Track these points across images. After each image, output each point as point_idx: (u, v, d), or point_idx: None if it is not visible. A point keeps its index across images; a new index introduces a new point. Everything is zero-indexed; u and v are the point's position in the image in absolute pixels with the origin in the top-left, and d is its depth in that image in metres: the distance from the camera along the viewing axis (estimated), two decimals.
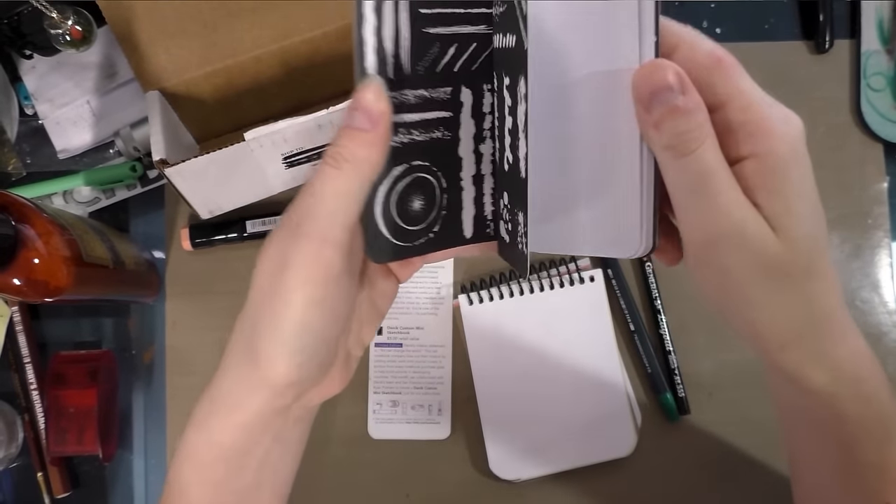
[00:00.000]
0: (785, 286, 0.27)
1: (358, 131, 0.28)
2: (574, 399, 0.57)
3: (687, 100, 0.26)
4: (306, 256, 0.28)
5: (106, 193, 0.60)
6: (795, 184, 0.27)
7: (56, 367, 0.56)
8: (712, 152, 0.26)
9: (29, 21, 0.56)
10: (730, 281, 0.27)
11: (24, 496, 0.57)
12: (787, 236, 0.27)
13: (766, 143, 0.26)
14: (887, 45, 0.61)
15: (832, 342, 0.29)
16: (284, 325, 0.29)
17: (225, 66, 0.54)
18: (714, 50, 0.27)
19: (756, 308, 0.28)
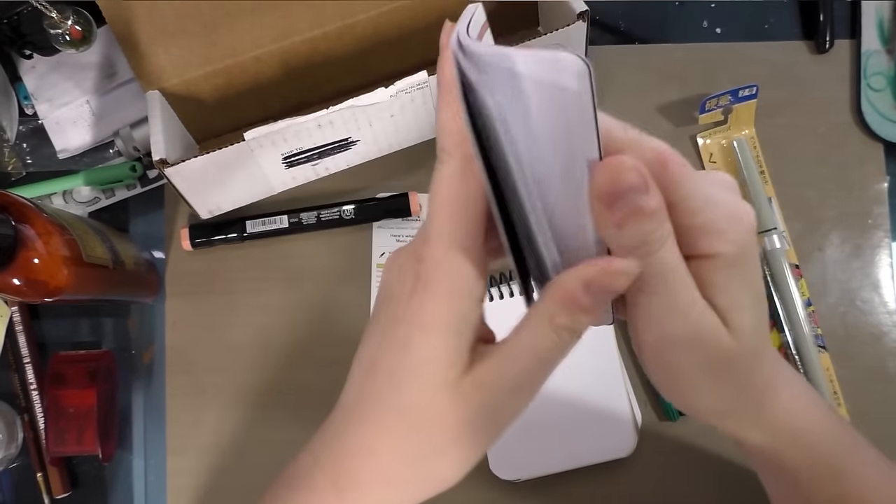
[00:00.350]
0: (727, 376, 0.29)
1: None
2: (574, 399, 0.56)
3: (650, 199, 0.25)
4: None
5: (106, 193, 0.60)
6: (745, 280, 0.27)
7: (56, 367, 0.56)
8: (672, 252, 0.26)
9: (29, 21, 0.56)
10: (678, 374, 0.29)
11: (23, 496, 0.57)
12: (736, 330, 0.27)
13: (716, 245, 0.26)
14: (887, 45, 0.61)
15: (767, 408, 0.31)
16: None
17: (225, 66, 0.54)
18: (659, 151, 0.26)
19: (699, 396, 0.29)
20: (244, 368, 0.58)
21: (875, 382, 0.59)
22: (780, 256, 0.58)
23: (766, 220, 0.59)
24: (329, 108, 0.51)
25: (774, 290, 0.59)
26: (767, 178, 0.61)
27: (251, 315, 0.59)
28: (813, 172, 0.61)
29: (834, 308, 0.59)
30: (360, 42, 0.56)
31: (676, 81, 0.61)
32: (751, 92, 0.58)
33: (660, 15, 0.63)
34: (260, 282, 0.59)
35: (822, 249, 0.60)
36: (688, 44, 0.63)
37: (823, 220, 0.60)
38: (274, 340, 0.58)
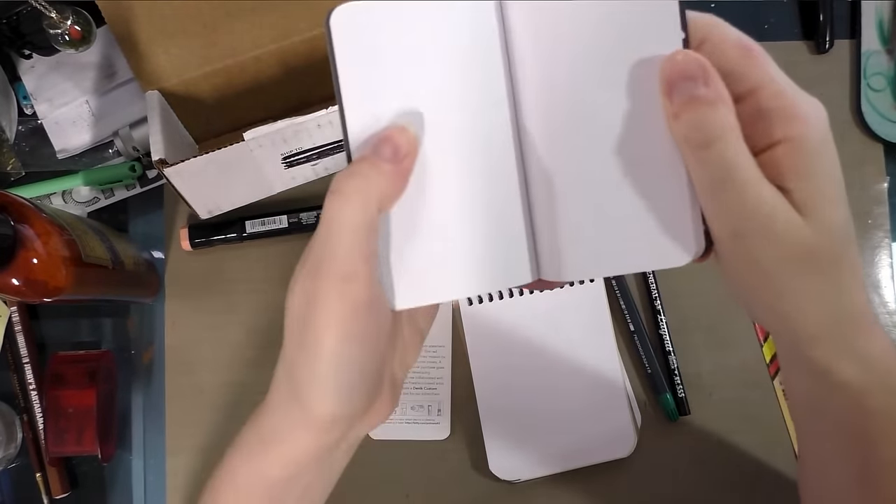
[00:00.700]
0: (816, 276, 0.27)
1: (381, 161, 0.28)
2: (574, 399, 0.56)
3: (709, 91, 0.25)
4: (330, 295, 0.28)
5: (105, 193, 0.60)
6: (827, 168, 0.27)
7: (55, 367, 0.55)
8: (735, 145, 0.26)
9: (28, 21, 0.56)
10: (760, 273, 0.27)
11: (22, 496, 0.57)
12: (818, 222, 0.26)
13: (798, 127, 0.26)
14: (887, 45, 0.61)
15: (864, 336, 0.29)
16: (320, 365, 0.29)
17: (224, 66, 0.54)
18: (742, 39, 0.27)
19: (787, 300, 0.27)
20: (244, 368, 0.58)
21: None
22: None
23: None
24: (329, 108, 0.51)
25: None
26: None
27: (251, 315, 0.59)
28: None
29: None
30: None
31: None
32: None
33: None
34: (260, 282, 0.59)
35: None
36: None
37: None
38: (274, 340, 0.58)
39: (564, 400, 0.56)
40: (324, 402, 0.29)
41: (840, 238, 0.27)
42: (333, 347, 0.28)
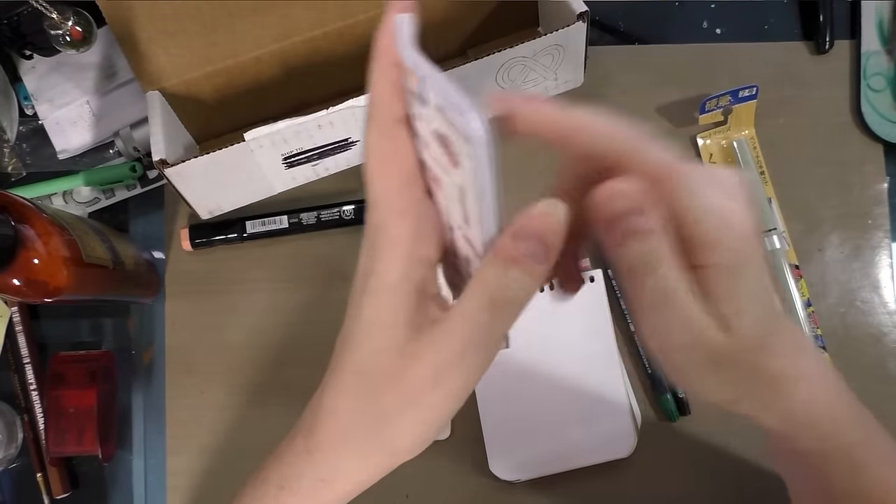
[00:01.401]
0: (731, 372, 0.29)
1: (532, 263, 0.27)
2: (574, 399, 0.56)
3: (647, 220, 0.27)
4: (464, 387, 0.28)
5: (106, 194, 0.60)
6: (743, 285, 0.28)
7: (55, 367, 0.56)
8: (671, 270, 0.27)
9: (29, 21, 0.56)
10: (686, 373, 0.30)
11: (23, 497, 0.57)
12: (738, 335, 0.28)
13: (711, 256, 0.27)
14: (887, 46, 0.61)
15: (783, 397, 0.31)
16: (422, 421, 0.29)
17: (225, 67, 0.54)
18: (664, 162, 0.28)
19: (707, 390, 0.30)
20: (244, 368, 0.58)
21: (875, 382, 0.59)
22: (779, 257, 0.58)
23: (766, 220, 0.59)
24: (329, 109, 0.51)
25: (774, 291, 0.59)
26: (767, 178, 0.61)
27: (251, 315, 0.59)
28: (813, 173, 0.61)
29: (834, 308, 0.59)
30: (361, 42, 0.56)
31: (676, 82, 0.61)
32: (750, 92, 0.58)
33: (660, 15, 0.63)
34: (260, 282, 0.59)
35: (822, 250, 0.60)
36: (688, 44, 0.63)
37: (823, 220, 0.60)
38: (274, 340, 0.58)
39: (564, 400, 0.56)
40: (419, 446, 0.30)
41: (755, 338, 0.29)
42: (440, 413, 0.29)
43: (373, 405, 0.29)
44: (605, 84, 0.61)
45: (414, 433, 0.29)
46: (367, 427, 0.29)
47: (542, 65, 0.55)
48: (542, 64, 0.55)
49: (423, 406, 0.28)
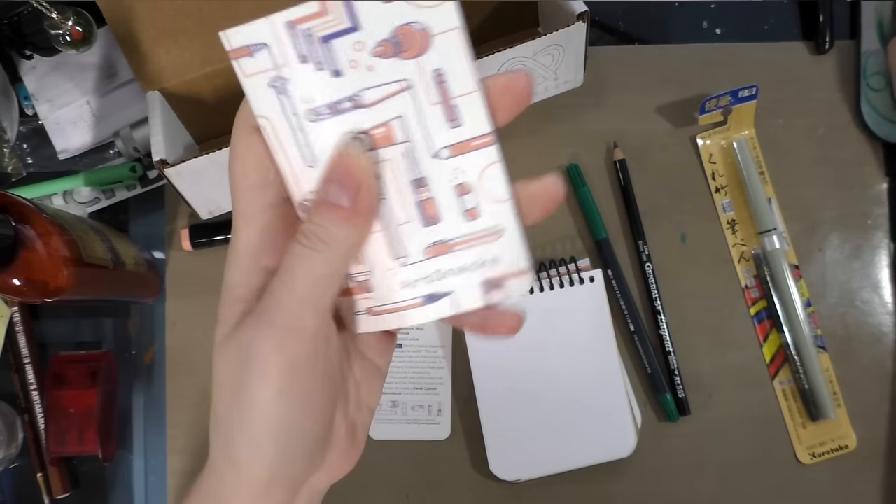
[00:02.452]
0: None
1: (335, 207, 0.25)
2: (574, 400, 0.56)
3: None
4: (270, 348, 0.25)
5: (106, 194, 0.60)
6: None
7: (56, 367, 0.56)
8: None
9: (29, 21, 0.56)
10: None
11: (23, 497, 0.57)
12: None
13: None
14: (887, 46, 0.61)
15: None
16: (253, 426, 0.26)
17: (225, 67, 0.54)
18: None
19: None
20: None
21: (875, 382, 0.59)
22: (779, 257, 0.58)
23: (765, 220, 0.59)
24: None
25: (774, 291, 0.59)
26: (767, 178, 0.61)
27: None
28: (813, 172, 0.61)
29: (834, 308, 0.59)
30: None
31: (676, 82, 0.62)
32: (750, 92, 0.58)
33: (660, 15, 0.63)
34: None
35: (822, 250, 0.60)
36: (688, 44, 0.63)
37: (823, 220, 0.60)
38: None
39: (564, 400, 0.57)
40: (259, 464, 0.26)
41: None
42: (268, 408, 0.26)
43: (218, 417, 0.27)
44: (605, 84, 0.61)
45: (251, 437, 0.26)
46: (222, 452, 0.28)
47: (542, 65, 0.55)
48: (542, 64, 0.55)
49: (244, 396, 0.26)
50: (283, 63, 0.27)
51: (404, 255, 0.27)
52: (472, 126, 0.26)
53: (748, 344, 0.59)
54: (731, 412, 0.58)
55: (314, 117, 0.26)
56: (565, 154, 0.61)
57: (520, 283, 0.27)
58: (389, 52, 0.25)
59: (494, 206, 0.26)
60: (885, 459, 0.58)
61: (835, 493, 0.58)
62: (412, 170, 0.26)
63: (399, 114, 0.26)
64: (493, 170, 0.26)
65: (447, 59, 0.25)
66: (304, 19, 0.26)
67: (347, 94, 0.26)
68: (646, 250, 0.59)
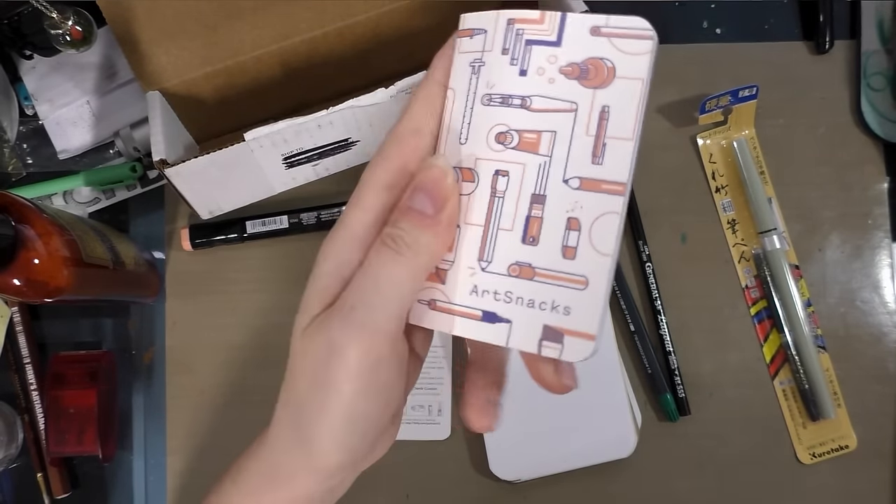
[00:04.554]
0: None
1: (420, 215, 0.27)
2: (574, 399, 0.56)
3: None
4: (359, 347, 0.27)
5: (106, 194, 0.60)
6: None
7: (56, 367, 0.56)
8: None
9: (29, 21, 0.56)
10: None
11: (23, 497, 0.57)
12: None
13: None
14: (887, 45, 0.61)
15: None
16: (335, 416, 0.28)
17: (225, 67, 0.54)
18: None
19: None
20: (244, 369, 0.59)
21: (875, 382, 0.59)
22: (780, 257, 0.58)
23: (766, 220, 0.59)
24: (329, 109, 0.51)
25: (774, 291, 0.59)
26: (767, 178, 0.61)
27: (251, 315, 0.59)
28: (813, 172, 0.61)
29: (834, 308, 0.59)
30: (361, 42, 0.56)
31: (676, 82, 0.62)
32: (751, 92, 0.58)
33: (660, 15, 0.63)
34: (260, 282, 0.59)
35: (822, 250, 0.60)
36: (688, 44, 0.63)
37: (823, 220, 0.60)
38: (274, 341, 0.58)
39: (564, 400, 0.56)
40: (333, 452, 0.29)
41: None
42: (352, 400, 0.27)
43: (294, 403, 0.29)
44: None
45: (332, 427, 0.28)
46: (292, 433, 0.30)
47: None
48: None
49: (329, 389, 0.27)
50: (489, 49, 0.29)
51: (489, 260, 0.28)
52: (612, 169, 0.26)
53: (748, 344, 0.59)
54: (731, 412, 0.58)
55: (487, 101, 0.28)
56: None
57: (580, 347, 0.26)
58: (574, 75, 0.27)
59: (594, 255, 0.26)
60: (885, 459, 0.58)
61: (835, 494, 0.58)
62: (539, 184, 0.27)
63: (554, 129, 0.27)
64: (609, 219, 0.26)
65: (619, 101, 0.26)
66: (523, 21, 0.28)
67: (522, 93, 0.28)
68: (646, 250, 0.59)
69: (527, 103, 0.27)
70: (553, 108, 0.27)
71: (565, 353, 0.26)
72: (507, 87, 0.28)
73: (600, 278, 0.26)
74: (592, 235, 0.26)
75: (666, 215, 0.60)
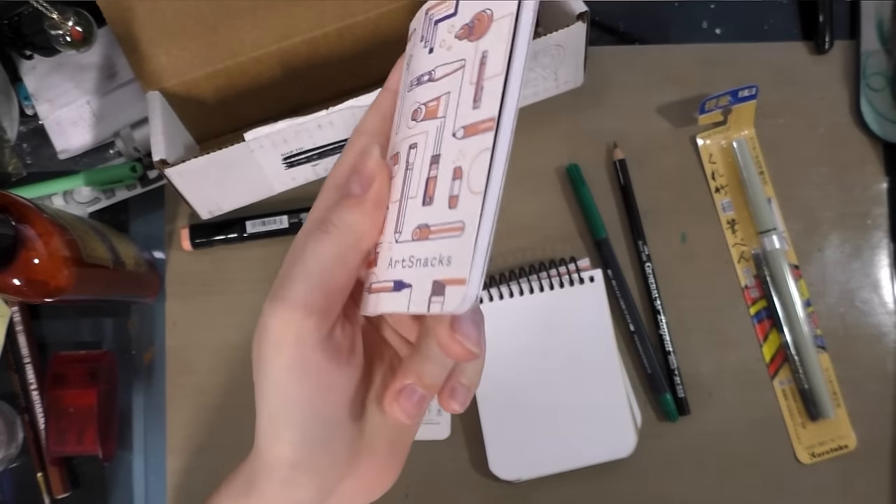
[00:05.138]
0: None
1: (349, 197, 0.28)
2: (574, 399, 0.57)
3: None
4: (278, 321, 0.26)
5: (106, 194, 0.60)
6: None
7: (56, 367, 0.56)
8: None
9: (29, 22, 0.56)
10: None
11: (23, 496, 0.57)
12: None
13: None
14: (887, 45, 0.61)
15: None
16: (270, 401, 0.27)
17: (225, 67, 0.54)
18: None
19: None
20: (244, 369, 0.59)
21: (875, 382, 0.59)
22: (779, 257, 0.58)
23: (765, 220, 0.59)
24: (329, 109, 0.51)
25: (774, 291, 0.59)
26: (767, 178, 0.61)
27: (251, 315, 0.59)
28: (813, 172, 0.61)
29: (833, 308, 0.59)
30: (360, 43, 0.56)
31: (676, 82, 0.62)
32: (750, 92, 0.58)
33: (660, 15, 0.63)
34: (260, 282, 0.59)
35: (822, 250, 0.60)
36: (687, 44, 0.63)
37: (823, 220, 0.60)
38: None
39: (564, 400, 0.57)
40: (279, 444, 0.27)
41: None
42: (277, 380, 0.26)
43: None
44: (605, 84, 0.61)
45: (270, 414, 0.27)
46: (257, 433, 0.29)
47: (541, 65, 0.55)
48: (542, 64, 0.55)
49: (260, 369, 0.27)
50: (415, 44, 0.30)
51: (401, 231, 0.27)
52: (486, 109, 0.25)
53: (748, 344, 0.59)
54: (730, 412, 0.58)
55: (410, 87, 0.29)
56: (565, 154, 0.61)
57: (455, 294, 0.24)
58: (464, 35, 0.27)
59: (470, 197, 0.24)
60: (884, 459, 0.58)
61: (834, 493, 0.58)
62: (435, 146, 0.27)
63: (448, 90, 0.27)
64: (482, 157, 0.24)
65: (494, 43, 0.25)
66: (434, 7, 0.29)
67: (429, 68, 0.28)
68: (646, 250, 0.59)
69: (433, 76, 0.28)
70: (449, 72, 0.27)
71: (445, 305, 0.24)
72: (420, 69, 0.29)
73: (473, 219, 0.24)
74: (470, 178, 0.24)
75: (666, 215, 0.60)
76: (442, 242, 0.25)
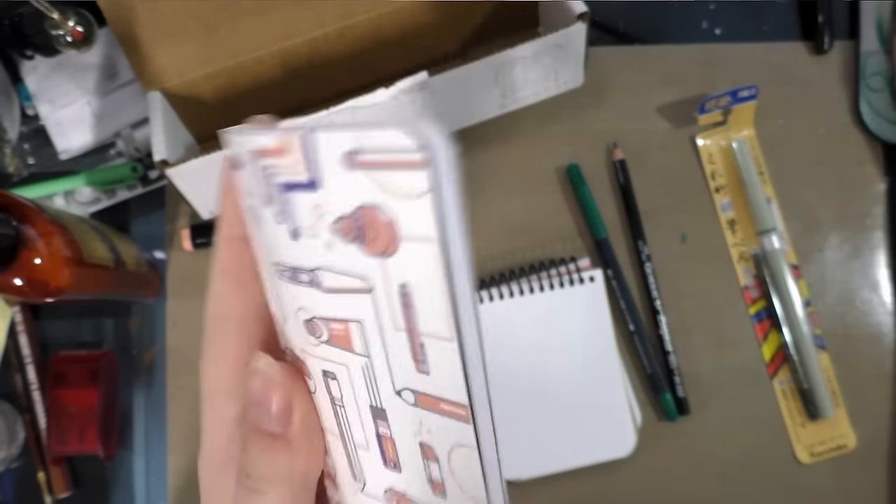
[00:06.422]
0: None
1: (266, 436, 0.21)
2: (574, 399, 0.57)
3: None
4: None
5: (107, 194, 0.60)
6: None
7: (57, 366, 0.56)
8: None
9: (30, 22, 0.56)
10: None
11: (24, 496, 0.58)
12: None
13: None
14: (886, 46, 0.61)
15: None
16: None
17: (226, 67, 0.54)
18: None
19: None
20: None
21: (874, 382, 0.59)
22: (779, 257, 0.58)
23: (765, 220, 0.59)
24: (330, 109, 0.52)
25: (774, 291, 0.59)
26: (767, 178, 0.61)
27: None
28: (812, 173, 0.61)
29: (833, 308, 0.60)
30: (361, 43, 0.56)
31: (676, 82, 0.62)
32: (750, 93, 0.58)
33: (660, 15, 0.63)
34: None
35: (822, 250, 0.60)
36: (687, 44, 0.63)
37: (822, 220, 0.60)
38: None
39: (564, 399, 0.57)
40: None
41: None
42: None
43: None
44: (605, 84, 0.61)
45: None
46: None
47: (542, 65, 0.55)
48: (542, 64, 0.55)
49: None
50: (253, 195, 0.20)
51: (363, 482, 0.22)
52: (444, 383, 0.19)
53: (748, 344, 0.59)
54: (730, 412, 0.58)
55: (278, 274, 0.21)
56: (565, 154, 0.61)
57: None
58: (350, 235, 0.18)
59: (465, 500, 0.20)
60: (884, 459, 0.58)
61: (834, 493, 0.58)
62: (371, 395, 0.20)
63: (358, 318, 0.19)
64: (465, 455, 0.19)
65: (417, 277, 0.18)
66: (264, 153, 0.19)
67: (305, 265, 0.20)
68: (645, 250, 0.59)
69: (316, 280, 0.20)
70: (345, 288, 0.19)
71: None
72: (286, 256, 0.20)
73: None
74: (455, 473, 0.20)
75: (665, 215, 0.60)
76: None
